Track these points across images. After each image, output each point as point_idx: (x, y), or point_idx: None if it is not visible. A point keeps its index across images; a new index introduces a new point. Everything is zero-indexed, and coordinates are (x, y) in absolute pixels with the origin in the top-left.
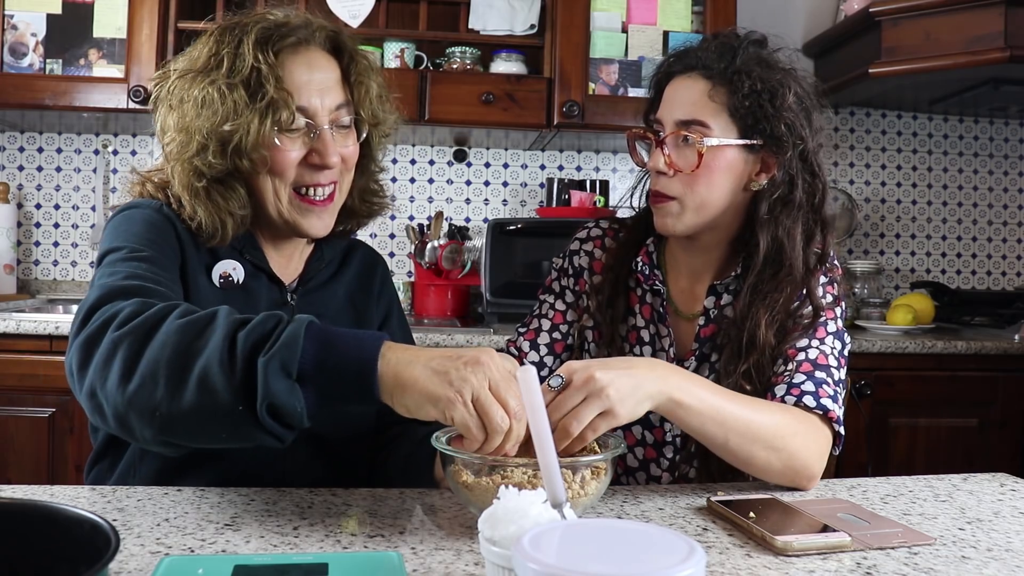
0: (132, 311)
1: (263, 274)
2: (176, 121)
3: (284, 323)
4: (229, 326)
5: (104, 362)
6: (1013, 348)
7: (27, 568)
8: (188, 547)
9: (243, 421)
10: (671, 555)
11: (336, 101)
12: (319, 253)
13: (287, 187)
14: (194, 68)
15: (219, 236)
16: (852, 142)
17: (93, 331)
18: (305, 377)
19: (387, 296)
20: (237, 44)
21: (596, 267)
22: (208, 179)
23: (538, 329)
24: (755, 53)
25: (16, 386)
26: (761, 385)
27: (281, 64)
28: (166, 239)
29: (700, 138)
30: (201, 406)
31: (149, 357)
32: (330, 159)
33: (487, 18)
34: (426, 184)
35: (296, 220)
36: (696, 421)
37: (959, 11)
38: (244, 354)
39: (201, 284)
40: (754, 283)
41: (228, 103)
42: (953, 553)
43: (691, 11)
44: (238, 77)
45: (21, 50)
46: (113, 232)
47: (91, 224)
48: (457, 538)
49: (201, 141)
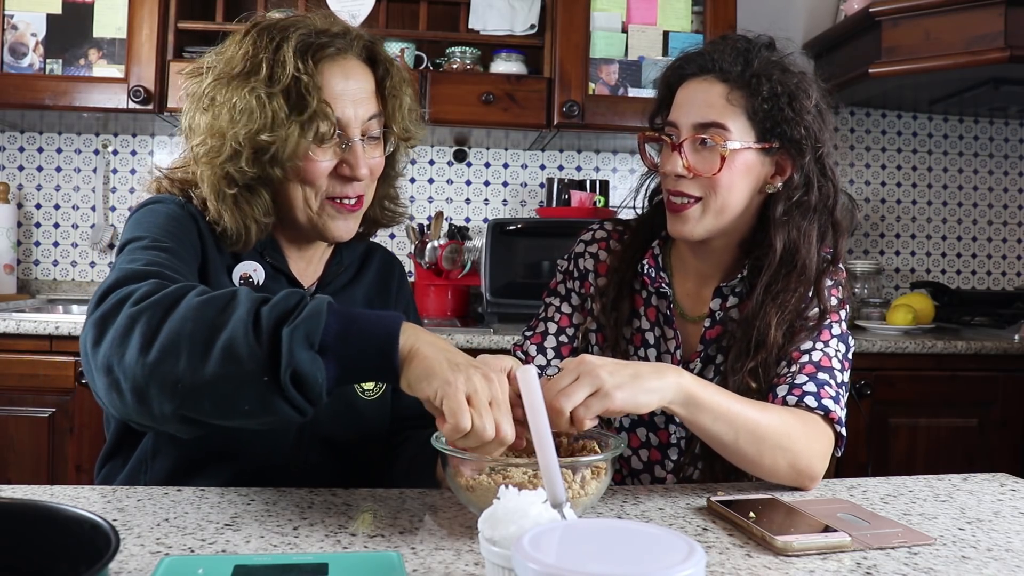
0: (149, 289)
1: (283, 276)
2: (208, 123)
3: (306, 299)
4: (252, 301)
5: (121, 336)
6: (1013, 348)
7: (27, 568)
8: (188, 547)
9: (267, 390)
10: (671, 555)
11: (369, 112)
12: (338, 257)
13: (318, 196)
14: (230, 71)
15: (242, 242)
16: (852, 142)
17: (108, 308)
18: (327, 348)
19: (404, 298)
20: (276, 49)
21: (601, 269)
22: (240, 186)
23: (544, 332)
24: (769, 56)
25: (16, 386)
26: (766, 384)
27: (320, 73)
28: (187, 235)
29: (722, 141)
30: (225, 376)
31: (170, 328)
32: (360, 171)
33: (487, 18)
34: (426, 184)
35: (325, 224)
36: (709, 420)
37: (959, 11)
38: (269, 326)
39: (222, 283)
40: (767, 283)
41: (268, 112)
42: (953, 553)
43: (691, 11)
44: (278, 86)
45: (21, 50)
46: (135, 224)
47: (91, 224)
48: (457, 538)
49: (235, 147)
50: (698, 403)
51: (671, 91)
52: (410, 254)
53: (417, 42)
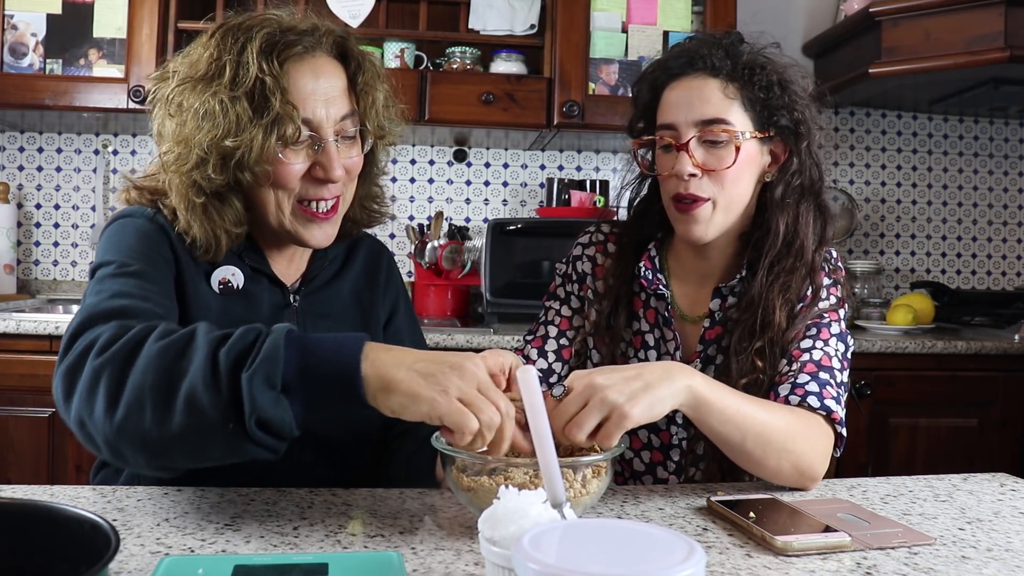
0: (111, 336)
1: (264, 277)
2: (174, 130)
3: (263, 335)
4: (209, 344)
5: (88, 392)
6: (1013, 348)
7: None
8: (188, 547)
9: (234, 437)
10: (671, 555)
11: (342, 111)
12: (322, 252)
13: (290, 199)
14: (195, 74)
15: (212, 251)
16: (852, 142)
17: (74, 360)
18: (290, 387)
19: (394, 288)
20: (240, 51)
21: (598, 272)
22: (208, 194)
23: (545, 336)
24: (750, 47)
25: (16, 386)
26: (771, 365)
27: (286, 74)
28: (159, 250)
29: (733, 135)
30: (191, 427)
31: (133, 383)
32: (334, 173)
33: (487, 18)
34: (426, 184)
35: (298, 231)
36: (718, 422)
37: (959, 11)
38: (227, 371)
39: (201, 291)
40: (769, 265)
41: (231, 116)
42: (953, 553)
43: (691, 11)
44: (241, 88)
45: (21, 50)
46: (106, 244)
47: (91, 224)
48: (457, 538)
49: (201, 155)
50: (708, 405)
51: (656, 95)
52: (410, 254)
53: (417, 42)
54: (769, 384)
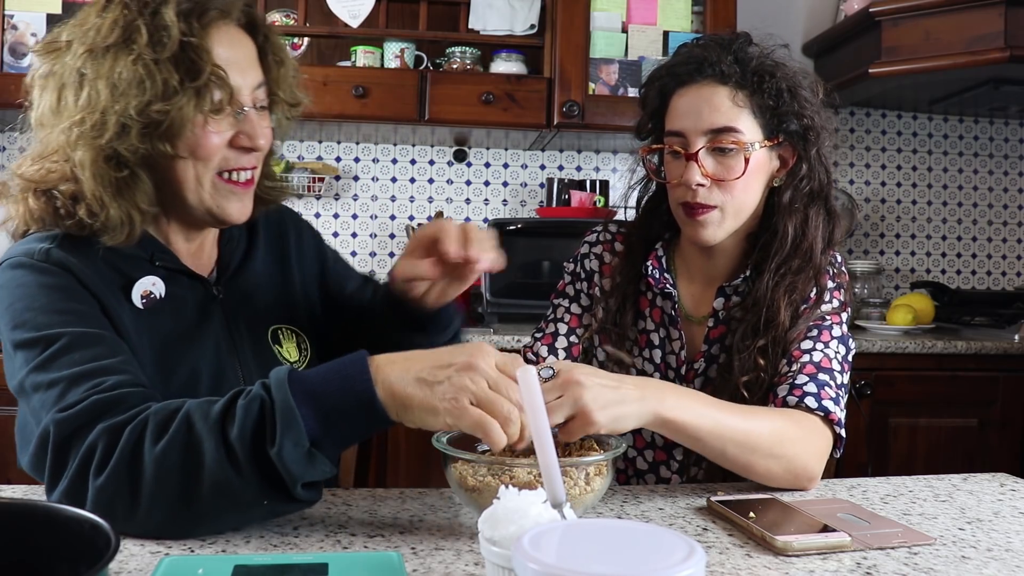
0: (103, 450)
1: (181, 275)
2: (84, 102)
3: (266, 402)
4: (213, 432)
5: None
6: (1013, 348)
7: (27, 568)
8: (188, 547)
9: (276, 503)
10: (671, 555)
11: (256, 80)
12: (227, 234)
13: (211, 171)
14: (102, 41)
15: (126, 233)
16: (852, 142)
17: (71, 485)
18: (318, 441)
19: (310, 248)
20: (154, 13)
21: (606, 271)
22: (131, 167)
23: (555, 333)
24: (759, 52)
25: None
26: (774, 363)
27: (209, 37)
28: (72, 295)
29: (743, 145)
30: (228, 512)
31: (153, 496)
32: (259, 141)
33: (487, 18)
34: (426, 184)
35: (220, 205)
36: (689, 439)
37: (959, 11)
38: (249, 454)
39: (124, 313)
40: (776, 267)
41: (158, 81)
42: (953, 553)
43: (691, 11)
44: (165, 52)
45: (21, 50)
46: (11, 312)
47: None
48: (457, 538)
49: (122, 122)
50: (675, 425)
51: (664, 100)
52: None
53: (417, 42)
54: (770, 383)
